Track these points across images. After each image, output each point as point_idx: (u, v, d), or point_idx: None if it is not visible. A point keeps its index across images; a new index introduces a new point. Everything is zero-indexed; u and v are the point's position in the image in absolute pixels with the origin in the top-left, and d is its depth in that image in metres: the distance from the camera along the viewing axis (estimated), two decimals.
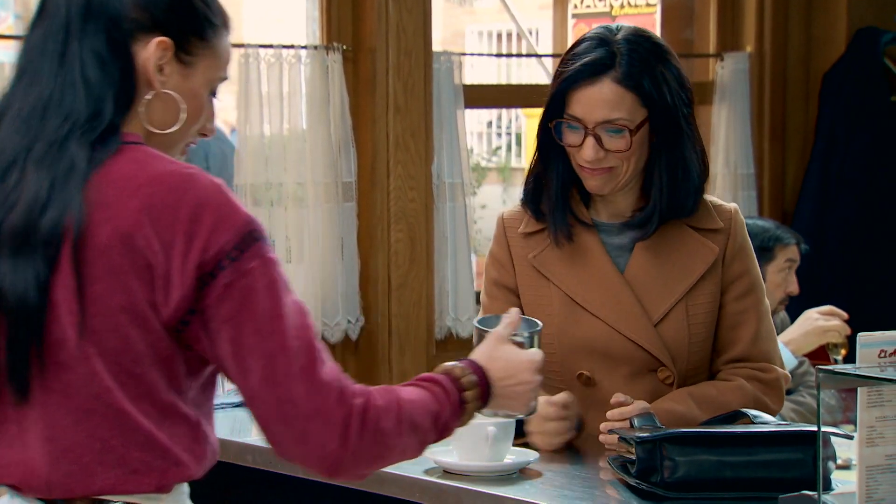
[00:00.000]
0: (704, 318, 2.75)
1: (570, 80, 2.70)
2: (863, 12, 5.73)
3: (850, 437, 2.29)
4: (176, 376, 1.88)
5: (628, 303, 2.74)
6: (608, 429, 2.59)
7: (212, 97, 2.00)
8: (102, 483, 1.86)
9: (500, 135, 16.11)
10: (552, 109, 2.73)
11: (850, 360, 2.73)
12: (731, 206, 2.83)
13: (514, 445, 2.55)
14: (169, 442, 1.88)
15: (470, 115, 5.20)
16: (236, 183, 4.60)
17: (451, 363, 2.07)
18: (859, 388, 2.02)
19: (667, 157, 2.73)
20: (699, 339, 2.75)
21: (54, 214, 1.83)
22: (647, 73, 2.68)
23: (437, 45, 4.95)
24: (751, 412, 2.56)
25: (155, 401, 1.87)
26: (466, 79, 4.97)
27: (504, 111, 15.04)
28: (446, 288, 4.88)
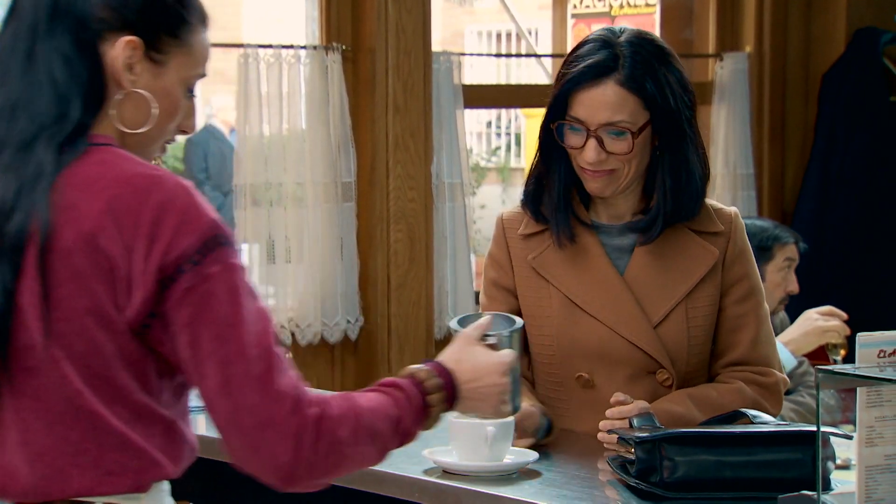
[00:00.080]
0: (704, 321, 2.75)
1: (573, 82, 2.70)
2: (862, 12, 5.73)
3: (849, 437, 2.29)
4: (147, 378, 1.87)
5: (628, 305, 2.73)
6: (608, 428, 2.59)
7: (190, 94, 1.97)
8: (79, 485, 1.85)
9: (499, 135, 16.13)
10: (554, 111, 2.73)
11: (850, 361, 2.72)
12: (732, 209, 2.83)
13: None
14: (144, 442, 1.86)
15: (469, 115, 5.21)
16: (236, 183, 4.60)
17: (416, 366, 2.04)
18: (858, 388, 2.01)
19: (670, 161, 2.72)
20: (698, 341, 2.75)
21: (20, 219, 1.82)
22: (650, 75, 2.68)
23: (437, 45, 4.96)
24: (750, 412, 2.55)
25: (127, 402, 1.85)
26: (466, 79, 4.97)
27: (503, 111, 15.07)
28: (446, 288, 4.88)
